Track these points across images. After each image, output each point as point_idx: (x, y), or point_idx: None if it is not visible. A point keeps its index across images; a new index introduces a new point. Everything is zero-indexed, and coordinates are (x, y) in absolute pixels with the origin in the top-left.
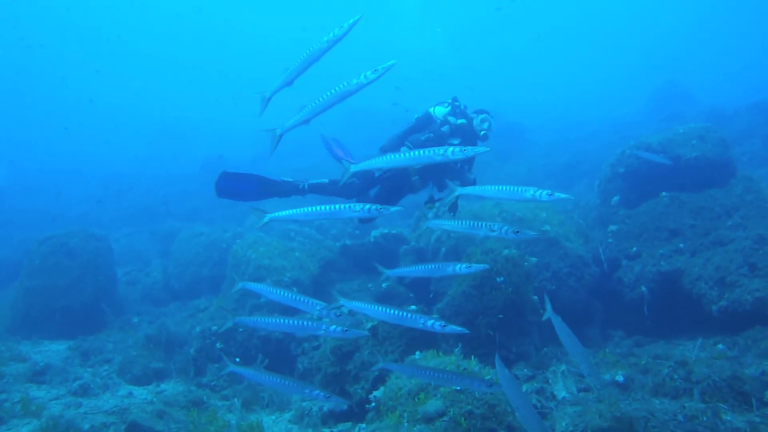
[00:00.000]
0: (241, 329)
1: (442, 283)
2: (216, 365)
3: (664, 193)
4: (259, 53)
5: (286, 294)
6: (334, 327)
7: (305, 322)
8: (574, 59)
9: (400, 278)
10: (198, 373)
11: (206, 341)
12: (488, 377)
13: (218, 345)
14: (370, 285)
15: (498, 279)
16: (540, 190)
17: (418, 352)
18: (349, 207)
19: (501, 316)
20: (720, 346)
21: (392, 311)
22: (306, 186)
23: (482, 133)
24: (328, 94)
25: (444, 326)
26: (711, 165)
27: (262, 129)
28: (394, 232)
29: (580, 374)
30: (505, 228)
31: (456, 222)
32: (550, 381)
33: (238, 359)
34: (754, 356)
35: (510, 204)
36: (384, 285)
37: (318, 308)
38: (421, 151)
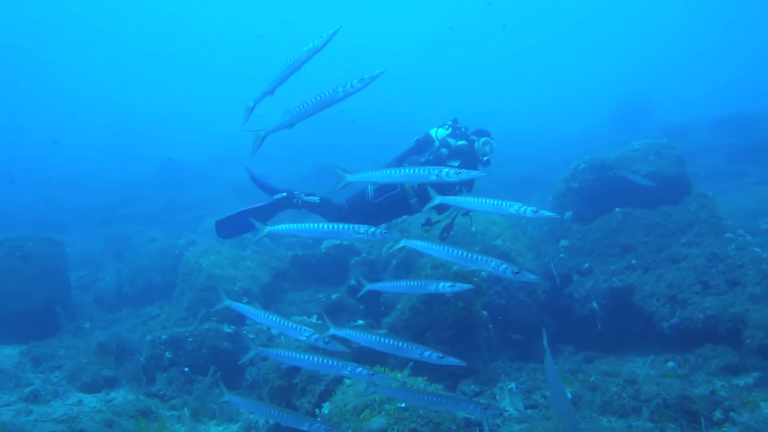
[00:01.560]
0: (191, 338)
1: (392, 296)
2: (165, 374)
3: (617, 209)
4: (234, 48)
5: (274, 318)
6: (360, 369)
7: (331, 362)
8: (539, 72)
9: (351, 290)
10: (148, 382)
11: (156, 350)
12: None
13: (167, 354)
14: (320, 295)
15: (447, 294)
16: (525, 206)
17: (362, 368)
18: (353, 228)
19: (451, 331)
20: (671, 363)
21: (386, 340)
22: (300, 202)
23: (485, 158)
24: (314, 99)
25: (441, 358)
26: (666, 181)
27: (247, 130)
28: (345, 243)
29: (528, 391)
30: (504, 266)
31: (444, 249)
32: (497, 397)
33: (186, 369)
34: (705, 374)
35: (462, 218)
36: (334, 296)
37: (306, 335)
38: (417, 170)
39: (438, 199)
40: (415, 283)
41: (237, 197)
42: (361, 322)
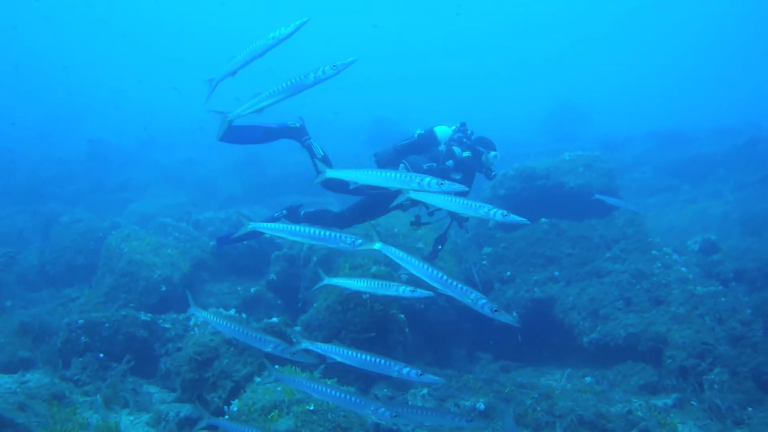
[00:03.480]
0: (107, 324)
1: (310, 293)
2: (80, 359)
3: (543, 219)
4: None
5: (238, 329)
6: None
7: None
8: (479, 79)
9: (270, 283)
10: (64, 366)
11: (72, 334)
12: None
13: (83, 339)
14: (239, 288)
15: (364, 295)
16: (495, 209)
17: (277, 365)
18: (339, 236)
19: (367, 333)
20: (588, 378)
21: (364, 356)
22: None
23: (493, 174)
24: (284, 84)
25: (420, 374)
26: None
27: (211, 110)
28: (267, 235)
29: (441, 398)
30: (482, 302)
31: (425, 268)
32: (410, 402)
33: (101, 355)
34: (623, 392)
35: (385, 219)
36: (252, 290)
37: (271, 346)
38: (399, 175)
39: (408, 194)
40: (377, 283)
41: (165, 182)
42: (275, 319)
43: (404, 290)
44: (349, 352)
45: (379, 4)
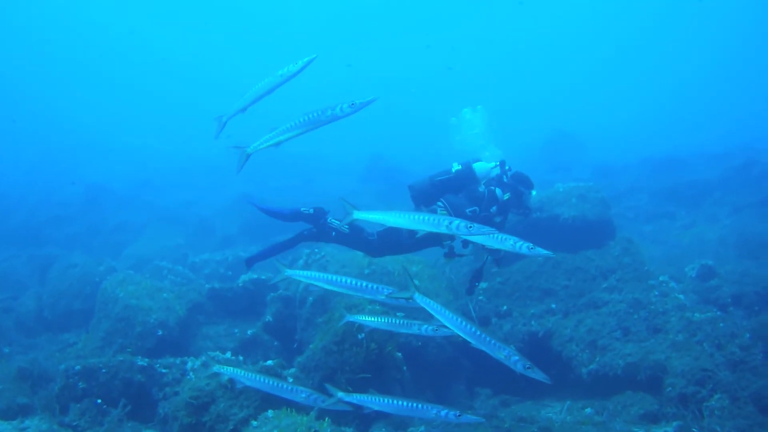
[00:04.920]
0: (104, 369)
1: (307, 333)
2: (78, 405)
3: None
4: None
5: (271, 383)
6: None
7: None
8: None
9: (267, 326)
10: (62, 412)
11: (70, 380)
12: None
13: (80, 385)
14: (236, 330)
15: (359, 335)
16: (520, 242)
17: (270, 411)
18: (376, 288)
19: (363, 373)
20: (588, 410)
21: (401, 402)
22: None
23: (530, 213)
24: (302, 119)
25: (459, 416)
26: (589, 225)
27: (231, 146)
28: (263, 277)
29: None
30: (515, 358)
31: (457, 320)
32: None
33: (99, 400)
34: (623, 422)
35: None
36: (249, 332)
37: (304, 395)
38: (428, 218)
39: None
40: (398, 321)
41: (161, 223)
42: (270, 362)
43: (426, 329)
44: (385, 400)
45: (372, 42)
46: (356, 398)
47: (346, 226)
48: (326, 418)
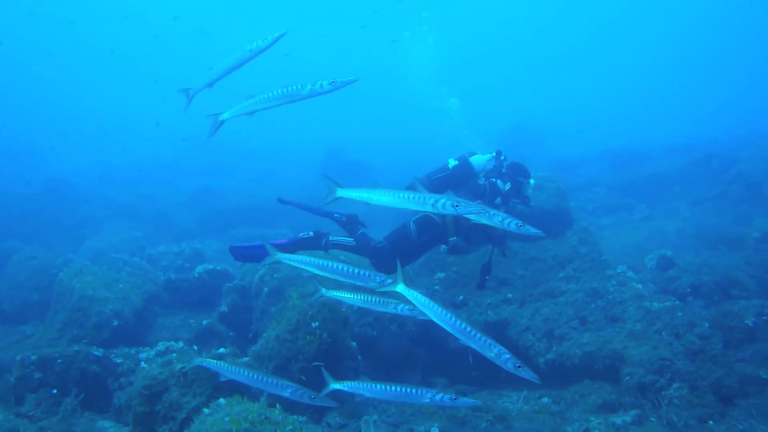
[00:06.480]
0: (60, 360)
1: (262, 323)
2: (34, 395)
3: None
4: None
5: (255, 376)
6: None
7: None
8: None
9: (222, 316)
10: (17, 402)
11: (25, 370)
12: (289, 427)
13: (36, 375)
14: (191, 321)
15: (313, 324)
16: (509, 219)
17: (222, 399)
18: (368, 275)
19: (316, 363)
20: (545, 399)
21: (393, 388)
22: (330, 243)
23: (531, 202)
24: (279, 92)
25: (454, 399)
26: (546, 215)
27: (208, 114)
28: (218, 268)
29: (395, 425)
30: (506, 357)
31: (448, 317)
32: (363, 430)
33: (55, 390)
34: (581, 411)
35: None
36: (205, 322)
37: (290, 390)
38: (414, 196)
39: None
40: (376, 299)
41: (121, 218)
42: (222, 350)
43: (402, 308)
44: (378, 387)
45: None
46: (347, 385)
47: (352, 240)
48: (277, 405)
